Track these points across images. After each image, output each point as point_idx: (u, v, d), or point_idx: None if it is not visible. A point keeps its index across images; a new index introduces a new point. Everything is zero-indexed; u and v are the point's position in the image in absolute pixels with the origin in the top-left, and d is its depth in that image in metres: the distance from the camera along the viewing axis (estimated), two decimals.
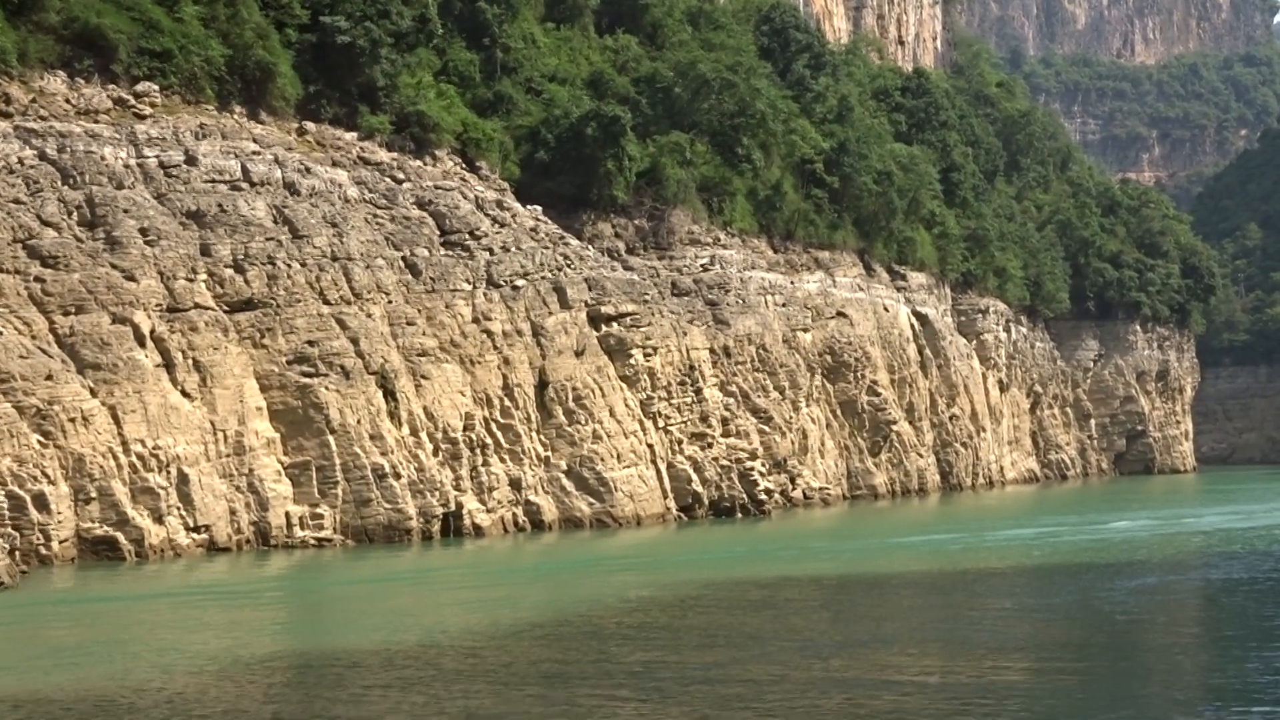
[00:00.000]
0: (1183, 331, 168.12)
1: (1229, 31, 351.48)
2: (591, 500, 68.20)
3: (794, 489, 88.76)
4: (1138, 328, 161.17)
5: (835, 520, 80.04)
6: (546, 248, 72.83)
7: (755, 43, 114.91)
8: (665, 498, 72.65)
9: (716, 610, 39.15)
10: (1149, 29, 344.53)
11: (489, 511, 63.59)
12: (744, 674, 28.10)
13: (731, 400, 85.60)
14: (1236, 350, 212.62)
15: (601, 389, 70.22)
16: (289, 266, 59.46)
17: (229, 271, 58.26)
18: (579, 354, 70.17)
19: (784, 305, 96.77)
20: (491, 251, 69.44)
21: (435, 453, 61.81)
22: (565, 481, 67.93)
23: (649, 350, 73.66)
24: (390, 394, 60.18)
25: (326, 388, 58.16)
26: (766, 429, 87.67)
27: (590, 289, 73.05)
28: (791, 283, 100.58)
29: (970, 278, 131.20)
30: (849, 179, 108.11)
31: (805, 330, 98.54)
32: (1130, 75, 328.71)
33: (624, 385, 72.19)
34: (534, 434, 67.35)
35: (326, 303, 60.02)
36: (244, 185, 60.39)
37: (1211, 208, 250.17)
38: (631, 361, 72.58)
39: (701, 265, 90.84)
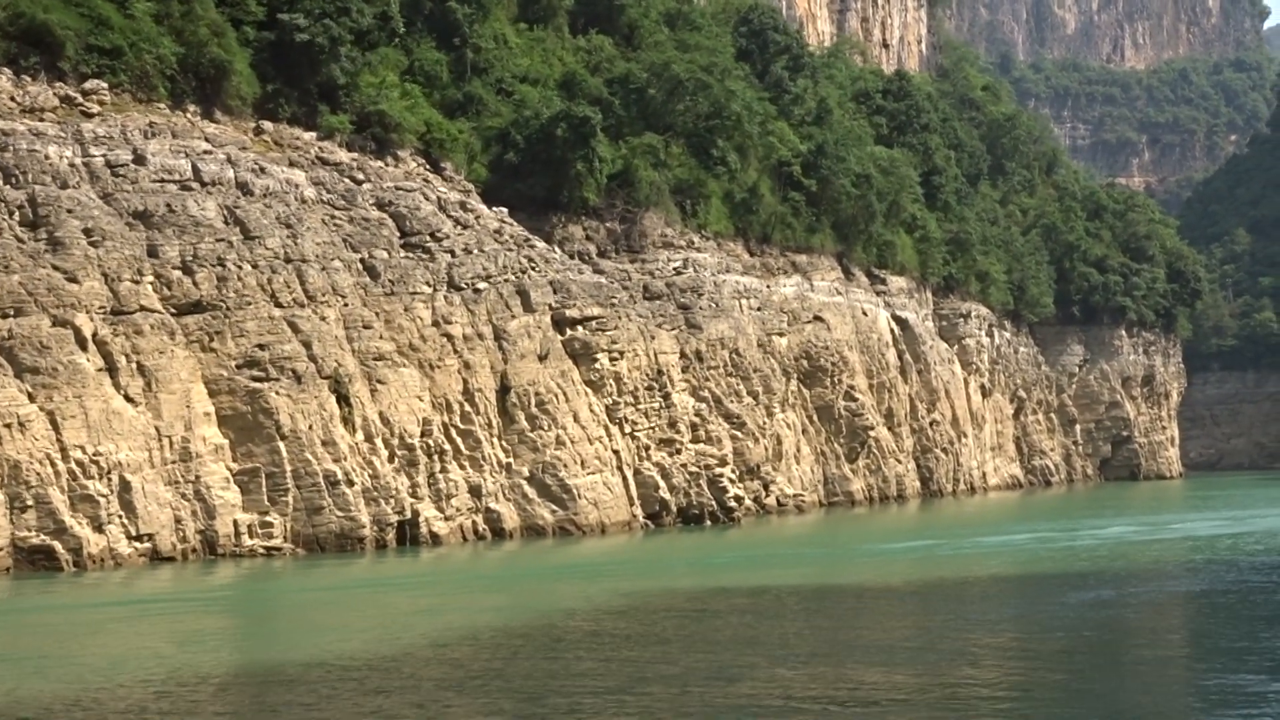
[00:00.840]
0: (1169, 336, 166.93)
1: (1219, 37, 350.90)
2: (554, 508, 66.76)
3: (767, 496, 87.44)
4: (1123, 332, 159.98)
5: (807, 528, 78.64)
6: (511, 250, 71.41)
7: (734, 44, 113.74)
8: (632, 505, 71.24)
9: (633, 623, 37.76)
10: (1139, 34, 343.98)
11: (447, 519, 62.12)
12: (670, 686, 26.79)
13: (704, 406, 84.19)
14: (1225, 355, 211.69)
15: (565, 394, 68.81)
16: (239, 268, 58.00)
17: (177, 273, 56.78)
18: (542, 358, 68.75)
19: (759, 309, 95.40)
20: (453, 253, 68.00)
21: (391, 459, 60.34)
22: (527, 488, 66.49)
23: (615, 354, 72.24)
24: (344, 399, 58.73)
25: (277, 392, 56.70)
26: (739, 435, 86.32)
27: (555, 292, 71.64)
28: (767, 286, 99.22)
29: (952, 282, 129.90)
30: (827, 182, 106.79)
31: (781, 335, 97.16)
32: (1120, 80, 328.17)
33: (589, 390, 70.77)
34: (495, 440, 65.91)
35: (278, 305, 58.56)
36: (194, 185, 58.94)
37: (1200, 213, 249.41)
38: (597, 366, 71.16)
39: (674, 268, 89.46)
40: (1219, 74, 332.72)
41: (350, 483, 57.50)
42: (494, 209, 76.50)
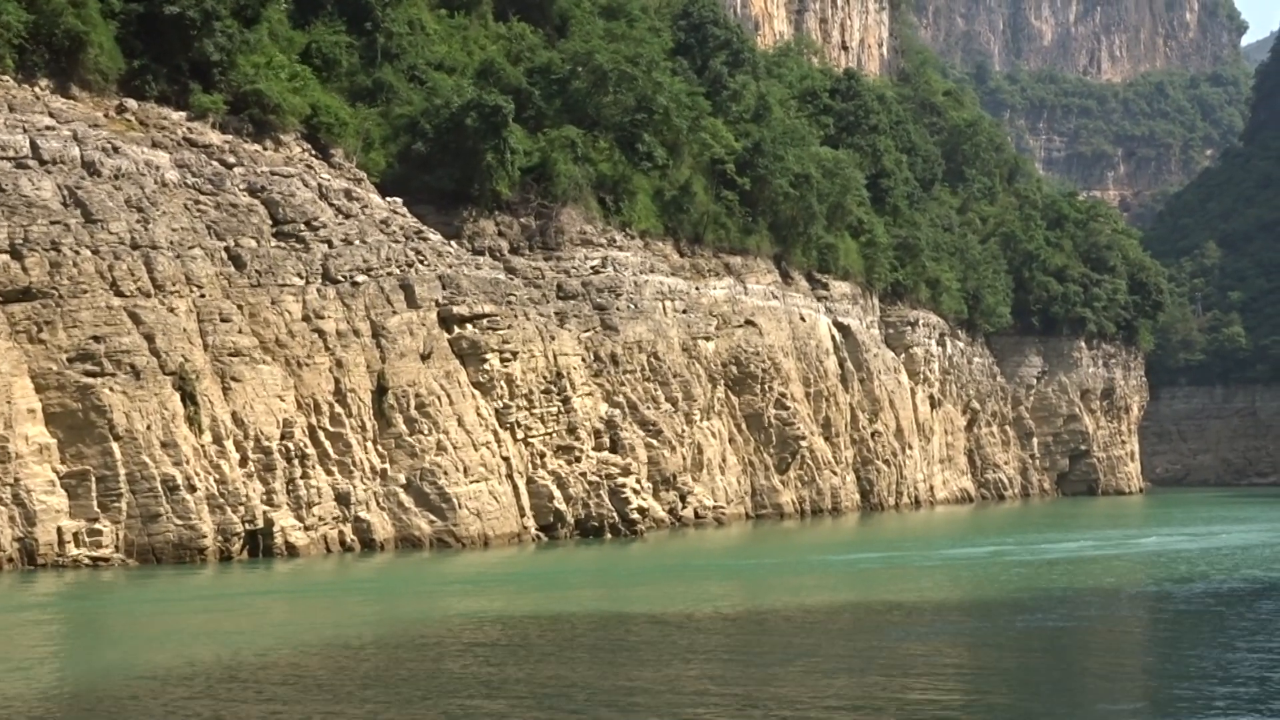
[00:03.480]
0: (1130, 349, 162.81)
1: (1196, 50, 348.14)
2: (433, 518, 62.04)
3: (684, 508, 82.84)
4: (1083, 344, 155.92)
5: (714, 542, 73.92)
6: (398, 242, 66.75)
7: (672, 38, 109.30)
8: (522, 516, 66.55)
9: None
10: (1116, 46, 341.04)
11: (307, 529, 57.34)
12: None
13: (617, 412, 79.68)
14: (1192, 370, 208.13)
15: (449, 396, 64.13)
16: (76, 254, 53.27)
17: (4, 257, 52.06)
18: (425, 357, 64.07)
19: (684, 312, 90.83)
20: (330, 244, 63.33)
21: (243, 463, 55.58)
22: (403, 497, 61.76)
23: (507, 355, 67.55)
24: (190, 397, 53.96)
25: (112, 389, 51.98)
26: (655, 443, 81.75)
27: (444, 287, 66.97)
28: (696, 289, 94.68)
29: (900, 288, 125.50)
30: (764, 181, 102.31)
31: (708, 339, 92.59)
32: (1096, 93, 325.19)
33: (477, 392, 66.08)
34: (369, 444, 61.20)
35: (119, 294, 53.83)
36: (31, 163, 54.28)
37: (1171, 226, 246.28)
38: (486, 367, 66.47)
39: (592, 267, 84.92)
40: (1196, 88, 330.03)
41: (192, 488, 52.75)
42: (388, 199, 71.93)
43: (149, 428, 52.25)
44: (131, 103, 62.18)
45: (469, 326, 66.59)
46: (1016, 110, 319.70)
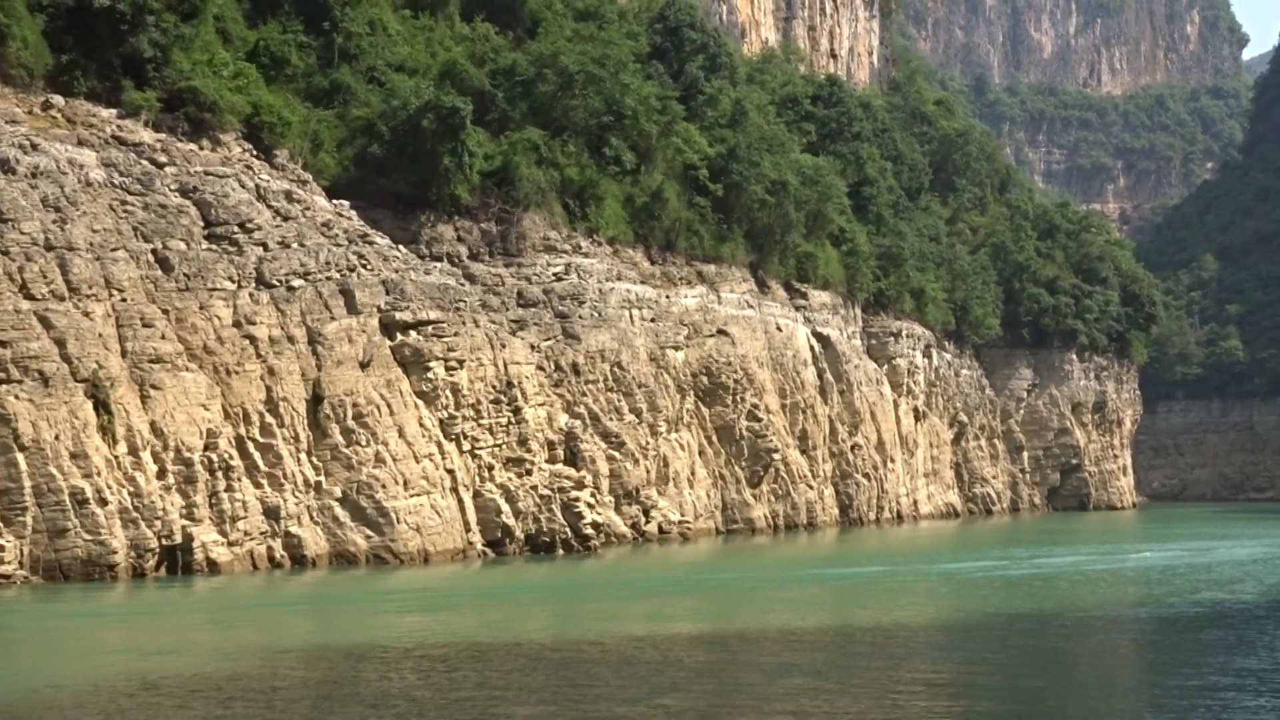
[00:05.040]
0: (1122, 361, 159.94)
1: (1196, 63, 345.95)
2: (369, 533, 59.32)
3: (648, 522, 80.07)
4: (1074, 357, 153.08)
5: (675, 558, 71.14)
6: (339, 245, 64.07)
7: (648, 42, 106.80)
8: (468, 531, 63.78)
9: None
10: (1116, 59, 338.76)
11: (231, 545, 54.59)
12: None
13: (578, 423, 76.93)
14: (1189, 384, 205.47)
15: (390, 406, 61.41)
16: None
17: None
18: (364, 365, 61.37)
19: (653, 320, 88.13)
20: (265, 247, 60.66)
21: (161, 475, 52.83)
22: (338, 511, 59.03)
23: (453, 363, 64.77)
24: (103, 406, 51.27)
25: (18, 396, 49.29)
26: (617, 455, 79.02)
27: (388, 292, 64.27)
28: (666, 297, 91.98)
29: (883, 299, 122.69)
30: (739, 188, 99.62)
31: (677, 348, 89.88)
32: (1096, 105, 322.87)
33: (420, 402, 63.35)
34: (302, 455, 58.46)
35: (29, 298, 51.16)
36: None
37: (1169, 238, 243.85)
38: (430, 376, 63.72)
39: (554, 274, 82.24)
40: (1196, 101, 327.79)
41: (103, 501, 50.03)
42: (335, 202, 69.31)
43: (57, 438, 49.57)
44: (58, 99, 59.58)
45: (412, 333, 63.89)
46: (1016, 122, 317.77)
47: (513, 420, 67.60)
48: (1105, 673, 32.20)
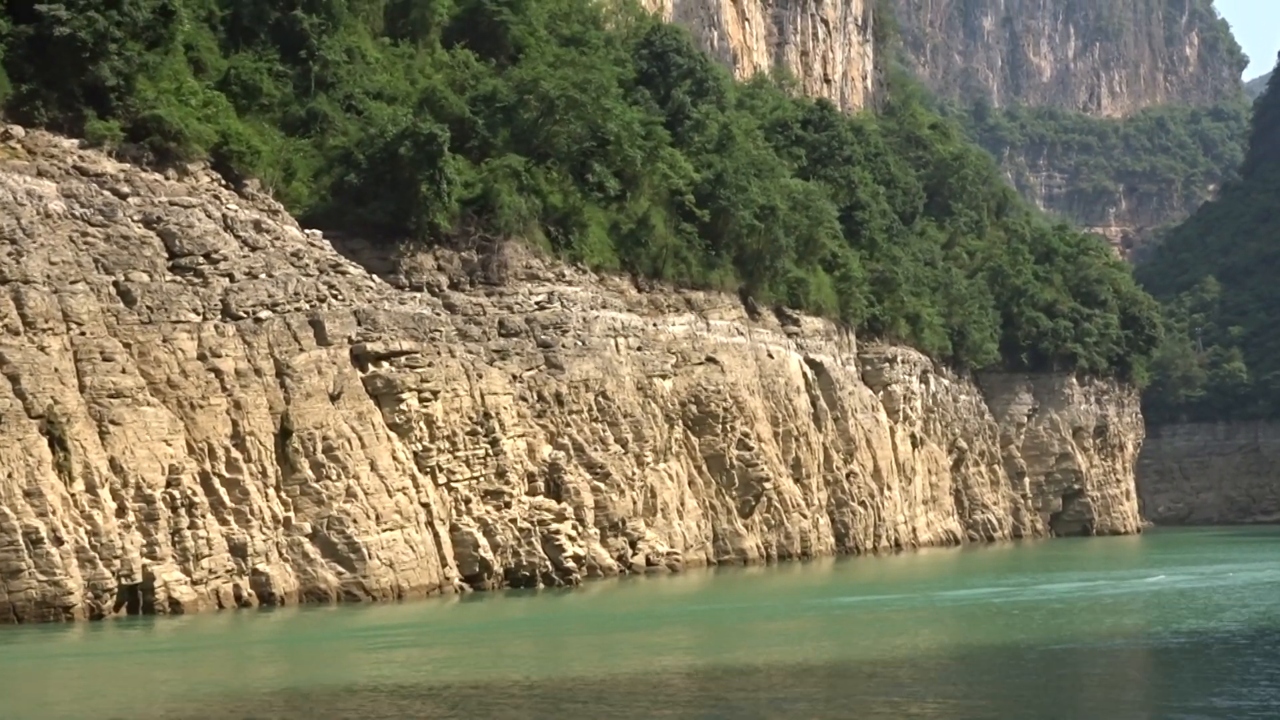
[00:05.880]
0: (1124, 385, 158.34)
1: (1196, 85, 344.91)
2: (340, 569, 57.72)
3: (634, 554, 78.42)
4: (1074, 381, 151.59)
5: (660, 590, 69.45)
6: (309, 275, 62.63)
7: (635, 68, 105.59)
8: (444, 566, 62.16)
9: None
10: (1115, 82, 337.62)
11: (195, 583, 53.01)
12: None
13: (561, 454, 75.42)
14: (1193, 406, 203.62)
15: (361, 439, 59.87)
16: None
17: None
18: (334, 398, 59.87)
19: (639, 349, 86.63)
20: (231, 278, 59.23)
21: (121, 513, 51.29)
22: (308, 547, 57.47)
23: (426, 395, 63.24)
24: (59, 442, 49.76)
25: None
26: (602, 486, 77.43)
27: (359, 323, 62.80)
28: (654, 325, 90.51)
29: (878, 324, 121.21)
30: (726, 213, 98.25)
31: (664, 377, 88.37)
32: (1096, 129, 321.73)
33: (393, 435, 61.80)
34: (270, 491, 56.91)
35: None
36: None
37: (1170, 261, 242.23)
38: (403, 407, 62.18)
39: (536, 303, 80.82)
40: (1197, 123, 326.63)
41: (58, 540, 48.49)
42: (308, 231, 67.90)
43: (10, 475, 48.07)
44: (18, 130, 58.23)
45: (385, 364, 62.40)
46: (1016, 147, 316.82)
47: (490, 452, 66.05)
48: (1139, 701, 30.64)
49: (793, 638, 45.62)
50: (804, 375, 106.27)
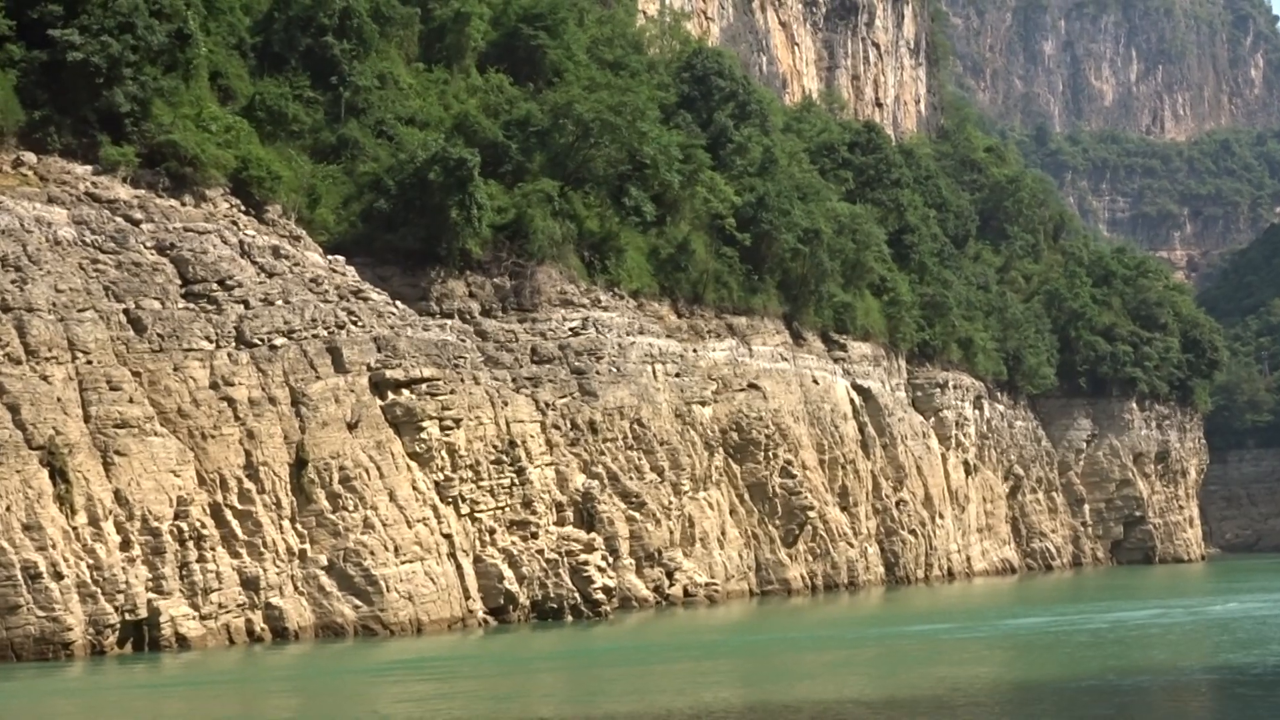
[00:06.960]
0: (1185, 410, 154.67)
1: (1262, 107, 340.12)
2: (357, 603, 56.15)
3: (671, 585, 76.43)
4: (1134, 405, 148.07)
5: (694, 622, 67.42)
6: (328, 301, 61.26)
7: (677, 92, 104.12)
8: (468, 599, 60.44)
9: None
10: (1179, 105, 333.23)
11: (203, 618, 51.53)
12: None
13: (595, 483, 73.64)
14: (1260, 431, 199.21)
15: (380, 469, 58.32)
16: None
17: None
18: (352, 426, 58.37)
19: (677, 375, 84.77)
20: (246, 304, 57.93)
21: (125, 546, 49.91)
22: (324, 580, 55.93)
23: (448, 423, 61.61)
24: (60, 474, 48.47)
25: None
26: (638, 516, 75.55)
27: (379, 350, 61.32)
28: (693, 350, 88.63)
29: (929, 349, 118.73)
30: (769, 237, 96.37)
31: (704, 404, 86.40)
32: (1160, 152, 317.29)
33: (414, 464, 60.23)
34: (285, 523, 55.43)
35: None
36: None
37: (1236, 284, 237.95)
38: (423, 436, 60.58)
39: (570, 329, 79.18)
40: (1262, 145, 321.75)
41: (58, 575, 47.14)
42: (330, 257, 66.61)
43: (9, 508, 46.81)
44: (29, 156, 57.33)
45: (405, 392, 60.86)
46: (1079, 172, 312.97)
47: (516, 481, 64.40)
48: None
49: (844, 666, 43.56)
50: (851, 401, 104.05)
